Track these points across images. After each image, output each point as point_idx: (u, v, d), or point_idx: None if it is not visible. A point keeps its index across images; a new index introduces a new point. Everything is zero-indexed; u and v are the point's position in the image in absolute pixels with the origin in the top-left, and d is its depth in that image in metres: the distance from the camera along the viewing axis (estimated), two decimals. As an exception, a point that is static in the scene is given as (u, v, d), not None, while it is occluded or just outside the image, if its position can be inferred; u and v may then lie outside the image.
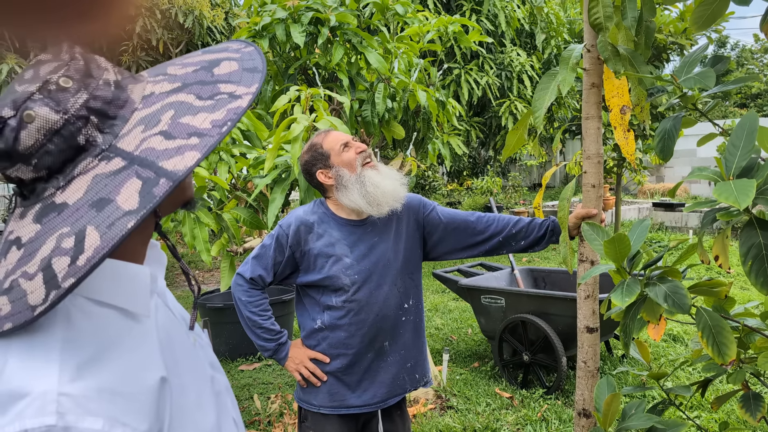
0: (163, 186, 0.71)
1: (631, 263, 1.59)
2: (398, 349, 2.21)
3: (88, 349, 0.75)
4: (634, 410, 1.63)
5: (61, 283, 0.69)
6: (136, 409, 0.75)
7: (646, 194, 15.60)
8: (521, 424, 3.93)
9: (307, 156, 2.20)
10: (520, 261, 9.33)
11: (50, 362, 0.72)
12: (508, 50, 8.80)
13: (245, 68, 0.83)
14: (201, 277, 9.64)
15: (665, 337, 5.44)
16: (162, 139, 0.74)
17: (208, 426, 0.88)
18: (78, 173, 0.74)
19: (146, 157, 0.73)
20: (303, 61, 3.88)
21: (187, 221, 2.65)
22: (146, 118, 0.77)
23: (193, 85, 0.80)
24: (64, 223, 0.71)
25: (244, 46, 0.88)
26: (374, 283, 2.15)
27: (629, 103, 2.07)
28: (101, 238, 0.70)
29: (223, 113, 0.76)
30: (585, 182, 2.18)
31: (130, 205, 0.71)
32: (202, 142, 0.74)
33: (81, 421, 0.69)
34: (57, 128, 0.73)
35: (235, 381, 4.91)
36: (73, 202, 0.73)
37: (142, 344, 0.82)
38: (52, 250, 0.71)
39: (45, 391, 0.69)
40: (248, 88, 0.80)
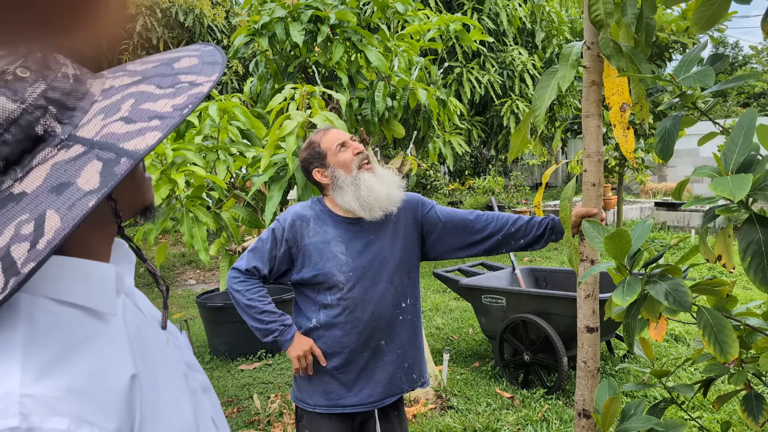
0: (125, 164, 0.71)
1: (632, 261, 1.57)
2: (395, 348, 2.20)
3: (52, 349, 0.74)
4: (633, 410, 1.61)
5: (21, 269, 0.67)
6: (105, 408, 0.74)
7: (648, 194, 15.57)
8: (522, 424, 3.91)
9: (305, 153, 2.20)
10: (522, 261, 9.31)
11: (12, 364, 0.70)
12: (509, 49, 8.78)
13: (205, 62, 0.83)
14: (201, 277, 9.64)
15: (667, 337, 5.42)
16: (123, 123, 0.74)
17: (185, 425, 0.87)
18: (36, 163, 0.73)
19: (107, 141, 0.73)
20: (302, 60, 3.86)
21: (186, 220, 2.63)
22: (106, 108, 0.76)
23: (153, 77, 0.80)
24: (23, 210, 0.70)
25: (204, 46, 0.88)
26: (369, 280, 2.15)
27: (629, 100, 2.05)
28: (62, 220, 0.69)
29: (184, 98, 0.77)
30: (585, 181, 2.16)
31: (91, 185, 0.70)
32: (164, 123, 0.74)
33: (45, 422, 0.68)
34: (14, 117, 0.72)
35: (235, 380, 4.89)
36: (32, 190, 0.71)
37: (110, 343, 0.81)
38: (11, 238, 0.69)
39: (7, 393, 0.68)
40: (209, 77, 0.80)
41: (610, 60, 2.00)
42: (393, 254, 2.20)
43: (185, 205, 2.67)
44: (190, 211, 2.66)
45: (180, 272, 9.95)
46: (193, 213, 2.65)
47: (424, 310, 6.77)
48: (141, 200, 0.92)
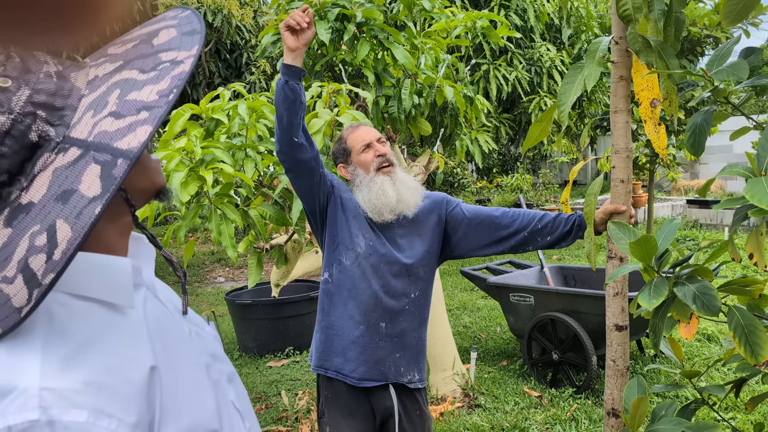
0: (122, 166, 0.71)
1: (660, 262, 1.55)
2: (393, 335, 2.21)
3: (71, 343, 0.75)
4: (664, 411, 1.59)
5: (42, 281, 0.69)
6: (123, 400, 0.75)
7: (680, 191, 15.31)
8: (550, 423, 3.88)
9: (334, 147, 2.30)
10: (550, 259, 9.23)
11: (32, 359, 0.72)
12: (537, 45, 8.70)
13: (184, 32, 0.82)
14: (230, 274, 9.73)
15: (699, 337, 5.32)
16: (113, 119, 0.73)
17: (206, 415, 0.87)
18: (38, 170, 0.73)
19: (100, 141, 0.72)
20: (329, 58, 3.87)
21: (214, 217, 2.66)
22: (94, 103, 0.76)
23: (134, 60, 0.79)
24: (34, 221, 0.71)
25: (181, 11, 0.86)
26: (385, 259, 2.20)
27: (659, 96, 2.02)
28: (72, 229, 0.69)
29: (167, 82, 0.76)
30: (613, 177, 2.13)
31: (94, 191, 0.70)
32: (152, 115, 0.73)
33: (65, 414, 0.69)
34: (6, 130, 0.72)
35: (263, 377, 4.93)
36: (38, 199, 0.72)
37: (128, 335, 0.81)
38: (27, 249, 0.70)
39: (27, 387, 0.69)
40: (189, 51, 0.79)
41: (639, 55, 1.97)
42: (414, 248, 2.24)
43: (213, 202, 2.70)
44: (219, 208, 2.69)
45: (209, 270, 10.06)
46: (221, 210, 2.68)
47: (452, 308, 6.75)
48: (152, 185, 0.91)
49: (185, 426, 0.82)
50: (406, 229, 2.24)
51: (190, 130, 2.99)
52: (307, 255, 4.30)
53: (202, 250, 11.53)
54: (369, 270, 2.19)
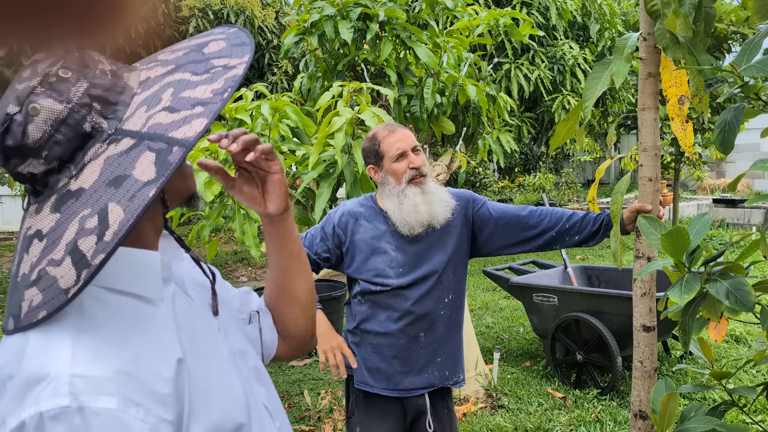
0: (177, 153, 0.74)
1: (691, 258, 1.52)
2: (432, 341, 2.20)
3: (102, 334, 0.77)
4: (693, 413, 1.56)
5: (91, 261, 0.71)
6: (152, 391, 0.76)
7: (706, 190, 15.10)
8: (574, 425, 3.84)
9: (366, 144, 2.22)
10: (574, 259, 9.15)
11: (63, 347, 0.74)
12: (560, 43, 8.62)
13: (233, 44, 0.85)
14: (253, 274, 9.78)
15: (727, 338, 5.24)
16: (167, 113, 0.76)
17: (234, 409, 0.88)
18: (89, 159, 0.76)
19: (155, 132, 0.75)
20: (351, 58, 3.87)
21: (237, 217, 2.67)
22: (147, 99, 0.79)
23: (186, 64, 0.82)
24: (84, 206, 0.73)
25: (227, 28, 0.89)
26: (418, 275, 2.16)
27: (688, 93, 1.99)
28: (125, 211, 0.71)
29: (221, 82, 0.79)
30: (641, 176, 2.10)
31: (148, 176, 0.73)
32: (207, 109, 0.76)
33: (94, 401, 0.71)
34: (63, 117, 0.75)
35: (286, 376, 4.95)
36: (89, 185, 0.74)
37: (157, 328, 0.83)
38: (77, 232, 0.72)
39: (59, 374, 0.71)
40: (240, 58, 0.82)
41: (667, 51, 1.94)
42: (444, 251, 2.20)
43: (237, 202, 2.71)
44: (242, 208, 2.70)
45: (232, 269, 10.13)
46: (244, 210, 2.69)
47: (474, 308, 6.71)
48: (186, 188, 0.94)
49: (215, 420, 0.84)
50: (434, 237, 2.20)
51: (214, 130, 3.01)
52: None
53: (225, 249, 11.60)
54: (402, 291, 2.16)
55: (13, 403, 0.71)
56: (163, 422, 0.76)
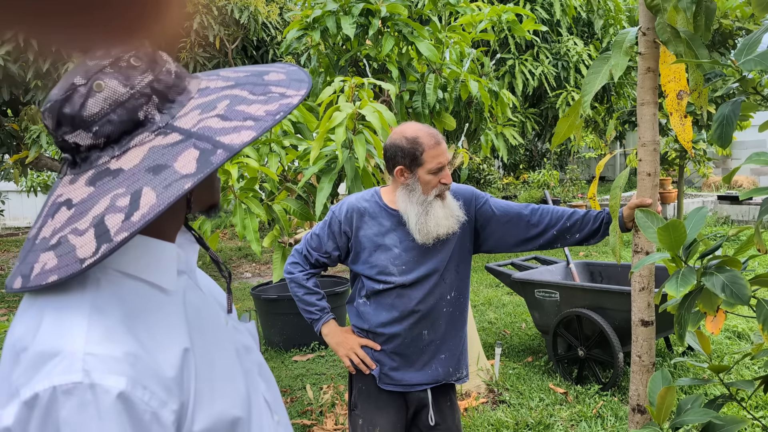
0: (221, 155, 0.78)
1: (688, 252, 1.53)
2: (435, 338, 2.21)
3: (115, 316, 0.80)
4: (690, 404, 1.56)
5: (114, 237, 0.74)
6: (158, 376, 0.79)
7: (711, 187, 15.05)
8: (576, 420, 3.85)
9: (404, 143, 2.10)
10: (576, 255, 9.15)
11: (79, 325, 0.77)
12: (564, 39, 8.60)
13: (292, 78, 0.89)
14: (257, 270, 9.81)
15: (729, 334, 5.23)
16: (219, 120, 0.81)
17: (236, 402, 0.91)
18: (134, 145, 0.80)
19: (204, 133, 0.80)
20: (353, 53, 3.88)
21: (238, 212, 2.68)
22: (202, 105, 0.84)
23: (245, 84, 0.87)
24: (120, 185, 0.77)
25: (288, 65, 0.94)
26: (421, 272, 2.17)
27: (686, 87, 1.99)
28: (157, 197, 0.75)
29: (275, 105, 0.83)
30: (640, 170, 2.11)
31: (188, 170, 0.77)
32: (257, 125, 0.80)
33: (105, 379, 0.74)
34: (122, 100, 0.80)
35: (289, 371, 4.97)
36: (129, 168, 0.78)
37: (167, 316, 0.86)
38: (106, 208, 0.76)
39: (73, 351, 0.74)
40: (297, 91, 0.86)
41: (667, 46, 1.94)
42: (446, 248, 2.19)
43: (238, 196, 2.72)
44: (243, 202, 2.71)
45: (236, 265, 10.16)
46: (245, 205, 2.70)
47: (476, 304, 6.72)
48: (210, 197, 0.98)
49: (217, 411, 0.86)
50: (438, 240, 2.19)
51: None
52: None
53: (228, 245, 11.63)
54: (405, 290, 2.17)
55: (26, 376, 0.74)
56: (165, 407, 0.79)
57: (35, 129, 6.70)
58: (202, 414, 0.84)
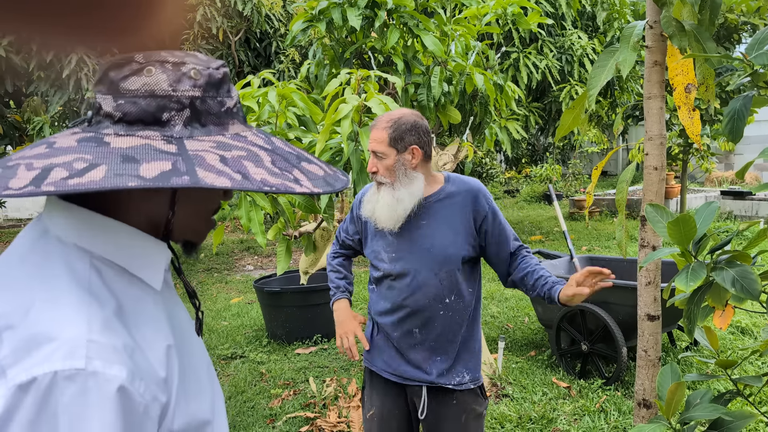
0: (184, 180, 0.77)
1: (697, 247, 1.52)
2: (428, 339, 2.15)
3: (110, 307, 0.81)
4: (699, 399, 1.56)
5: (43, 186, 0.73)
6: (150, 369, 0.81)
7: (714, 182, 15.02)
8: (578, 414, 3.85)
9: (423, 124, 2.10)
10: (580, 249, 9.14)
11: (80, 312, 0.77)
12: (568, 33, 8.58)
13: (325, 180, 0.89)
14: (259, 263, 9.82)
15: (732, 330, 5.23)
16: (217, 159, 0.82)
17: (207, 404, 0.94)
18: (137, 135, 0.82)
19: (192, 158, 0.81)
20: (359, 45, 3.86)
21: (243, 204, 2.68)
22: (222, 144, 0.85)
23: (277, 155, 0.88)
24: (92, 153, 0.78)
25: (340, 173, 0.95)
26: (412, 264, 2.12)
27: (694, 81, 1.98)
28: (102, 179, 0.74)
29: (278, 181, 0.83)
30: (647, 165, 2.10)
31: (146, 174, 0.77)
32: (242, 182, 0.80)
33: (108, 368, 0.74)
34: (158, 94, 0.83)
35: (292, 364, 4.97)
36: (114, 147, 0.80)
37: (154, 312, 0.89)
38: (64, 162, 0.77)
39: (74, 337, 0.74)
40: (313, 187, 0.86)
41: (672, 40, 1.93)
42: (442, 244, 2.12)
43: (243, 189, 2.72)
44: (248, 195, 2.71)
45: (238, 258, 10.16)
46: (250, 197, 2.70)
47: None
48: (192, 233, 0.98)
49: (192, 411, 0.88)
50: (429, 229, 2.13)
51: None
52: (336, 243, 4.32)
53: (231, 238, 11.64)
54: (394, 282, 2.15)
55: (15, 356, 0.72)
56: (156, 401, 0.80)
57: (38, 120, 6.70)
58: (180, 412, 0.85)
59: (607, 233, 10.55)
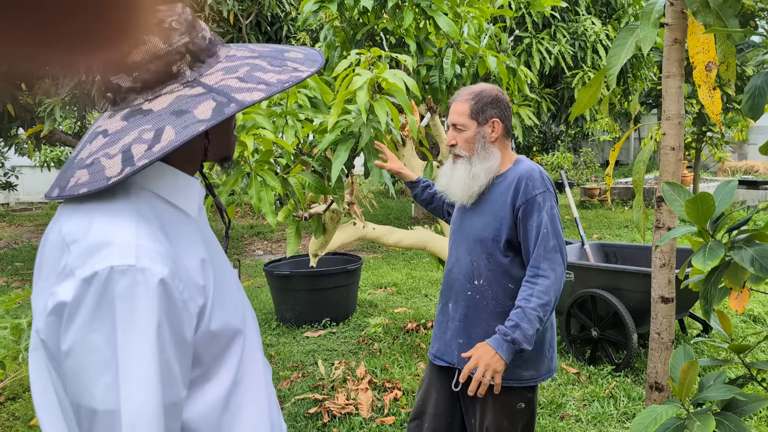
0: (233, 108, 0.95)
1: (715, 226, 1.49)
2: (456, 318, 2.14)
3: (155, 224, 0.98)
4: (712, 381, 1.54)
5: (136, 163, 0.92)
6: (189, 276, 0.97)
7: (727, 172, 14.89)
8: (588, 400, 3.84)
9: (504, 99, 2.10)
10: (591, 236, 9.09)
11: (129, 224, 0.94)
12: (582, 19, 8.48)
13: (308, 59, 1.08)
14: (269, 247, 9.83)
15: (744, 318, 5.19)
16: (237, 81, 0.99)
17: (239, 314, 1.10)
18: (164, 92, 0.98)
19: (222, 89, 0.98)
20: (371, 27, 3.83)
21: (254, 184, 2.66)
22: (227, 68, 1.02)
23: (267, 57, 1.06)
24: (148, 122, 0.95)
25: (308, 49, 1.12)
26: (456, 239, 2.20)
27: (715, 59, 1.94)
28: (176, 135, 0.93)
29: (287, 76, 1.02)
30: (664, 145, 2.07)
31: (204, 116, 0.95)
32: (268, 89, 0.99)
33: (153, 266, 0.91)
34: (160, 55, 0.97)
35: (300, 347, 4.98)
36: (158, 109, 0.96)
37: (190, 233, 1.05)
38: (134, 139, 0.94)
39: (126, 242, 0.91)
40: (309, 68, 1.05)
41: (696, 16, 1.89)
42: (479, 225, 2.10)
43: (254, 169, 2.70)
44: (259, 175, 2.69)
45: (248, 243, 10.18)
46: (261, 177, 2.68)
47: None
48: (226, 149, 1.16)
49: (226, 318, 1.04)
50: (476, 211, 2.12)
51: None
52: (345, 227, 4.30)
53: (241, 223, 11.66)
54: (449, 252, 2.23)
55: (81, 259, 0.90)
56: (193, 300, 0.97)
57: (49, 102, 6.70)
58: (216, 316, 1.01)
59: (618, 221, 10.49)
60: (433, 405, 2.22)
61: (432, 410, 2.22)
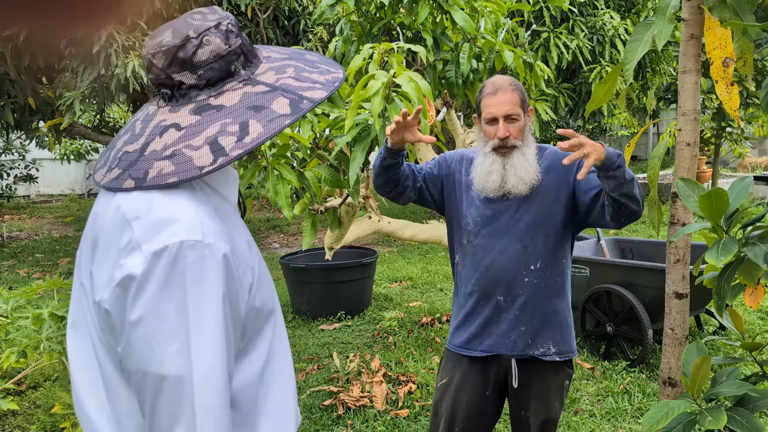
0: (307, 104, 1.04)
1: (729, 222, 1.49)
2: (514, 308, 2.11)
3: (209, 205, 1.05)
4: (725, 377, 1.54)
5: (230, 153, 1.00)
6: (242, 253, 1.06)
7: (747, 168, 14.71)
8: (602, 395, 3.84)
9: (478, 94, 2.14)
10: (607, 232, 9.05)
11: (189, 203, 1.01)
12: (600, 13, 8.42)
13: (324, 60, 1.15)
14: (285, 240, 9.88)
15: (760, 314, 5.15)
16: (293, 80, 1.07)
17: (274, 296, 1.16)
18: (226, 89, 1.06)
19: (287, 87, 1.06)
20: (387, 21, 3.83)
21: (270, 177, 2.69)
22: (273, 68, 1.10)
23: (297, 58, 1.13)
24: (226, 117, 1.03)
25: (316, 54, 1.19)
26: (495, 230, 2.11)
27: (732, 54, 1.93)
28: (264, 128, 1.02)
29: (327, 77, 1.09)
30: (679, 140, 2.06)
31: (284, 111, 1.03)
32: (324, 87, 1.07)
33: (217, 242, 0.98)
34: (222, 54, 1.06)
35: (316, 339, 5.02)
36: (230, 105, 1.04)
37: (234, 217, 1.13)
38: (218, 132, 1.02)
39: (192, 219, 0.99)
40: (337, 69, 1.12)
41: (712, 11, 1.88)
42: (527, 211, 2.08)
43: (271, 162, 2.73)
44: (275, 168, 2.72)
45: (265, 236, 10.24)
46: (277, 171, 2.70)
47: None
48: None
49: (264, 298, 1.11)
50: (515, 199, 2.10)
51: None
52: (360, 220, 4.32)
53: (257, 216, 11.72)
54: (480, 246, 2.12)
55: (148, 234, 0.96)
56: (245, 277, 1.04)
57: (69, 95, 6.78)
58: (258, 294, 1.08)
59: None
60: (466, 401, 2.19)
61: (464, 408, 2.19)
